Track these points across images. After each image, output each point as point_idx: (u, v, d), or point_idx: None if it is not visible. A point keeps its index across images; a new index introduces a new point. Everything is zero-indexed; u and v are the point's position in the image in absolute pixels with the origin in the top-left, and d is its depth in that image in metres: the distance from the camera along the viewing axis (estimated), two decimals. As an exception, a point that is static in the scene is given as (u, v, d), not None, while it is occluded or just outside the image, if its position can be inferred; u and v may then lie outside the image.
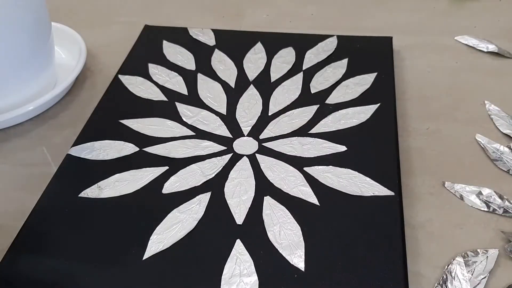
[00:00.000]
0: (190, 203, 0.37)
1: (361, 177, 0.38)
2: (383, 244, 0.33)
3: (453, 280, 0.32)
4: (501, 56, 0.51)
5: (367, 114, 0.43)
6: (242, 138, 0.42)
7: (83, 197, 0.38)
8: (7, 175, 0.42)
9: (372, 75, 0.47)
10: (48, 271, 0.33)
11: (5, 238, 0.35)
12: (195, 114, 0.45)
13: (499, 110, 0.45)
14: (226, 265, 0.33)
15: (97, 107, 0.46)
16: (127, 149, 0.41)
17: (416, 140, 0.43)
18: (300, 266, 0.32)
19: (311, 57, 0.51)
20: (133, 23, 0.58)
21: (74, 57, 0.52)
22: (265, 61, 0.51)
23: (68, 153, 0.41)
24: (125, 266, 0.33)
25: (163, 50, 0.53)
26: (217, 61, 0.51)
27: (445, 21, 0.58)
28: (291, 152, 0.40)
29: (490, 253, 0.33)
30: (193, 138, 0.42)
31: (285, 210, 0.36)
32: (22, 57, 0.44)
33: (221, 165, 0.40)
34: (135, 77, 0.49)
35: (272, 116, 0.44)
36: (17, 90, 0.46)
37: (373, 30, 0.55)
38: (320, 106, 0.45)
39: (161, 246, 0.34)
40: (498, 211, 0.36)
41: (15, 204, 0.39)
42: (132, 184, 0.38)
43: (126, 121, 0.44)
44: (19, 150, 0.44)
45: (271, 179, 0.38)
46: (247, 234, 0.34)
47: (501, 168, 0.40)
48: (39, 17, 0.45)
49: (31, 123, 0.47)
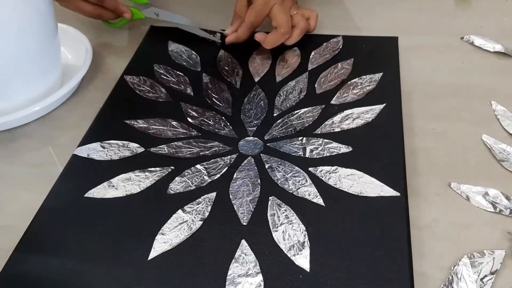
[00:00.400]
0: (195, 203, 0.37)
1: (366, 177, 0.38)
2: (388, 245, 0.33)
3: (459, 281, 0.32)
4: (508, 56, 0.51)
5: (372, 114, 0.43)
6: (247, 139, 0.42)
7: (89, 197, 0.38)
8: (14, 175, 0.42)
9: (378, 75, 0.47)
10: (54, 270, 0.33)
11: (12, 238, 0.36)
12: (200, 115, 0.45)
13: (505, 110, 0.44)
14: (231, 265, 0.33)
15: (103, 107, 0.46)
16: (132, 149, 0.42)
17: (422, 140, 0.42)
18: (305, 267, 0.32)
19: (317, 57, 0.51)
20: (139, 24, 0.58)
21: (80, 57, 0.52)
22: (271, 61, 0.51)
23: (74, 153, 0.41)
24: (131, 266, 0.33)
25: (169, 50, 0.53)
26: (222, 62, 0.51)
27: (451, 21, 0.57)
28: (296, 152, 0.40)
29: (497, 254, 0.33)
30: (198, 138, 0.42)
31: (290, 210, 0.36)
32: (28, 58, 0.45)
33: (226, 165, 0.40)
34: (141, 77, 0.49)
35: (277, 117, 0.44)
36: (23, 90, 0.46)
37: (379, 31, 0.55)
38: (325, 107, 0.44)
39: (166, 246, 0.34)
40: (504, 212, 0.36)
41: (21, 204, 0.39)
42: (138, 184, 0.39)
43: (131, 121, 0.44)
44: (25, 150, 0.45)
45: (276, 179, 0.38)
46: (252, 235, 0.34)
47: (507, 168, 0.39)
48: (45, 18, 0.45)
49: (37, 123, 0.47)
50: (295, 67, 0.50)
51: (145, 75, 0.50)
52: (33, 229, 0.36)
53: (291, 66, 0.50)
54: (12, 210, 0.39)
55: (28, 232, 0.36)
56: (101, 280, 0.32)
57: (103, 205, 0.37)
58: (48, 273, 0.33)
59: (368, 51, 0.51)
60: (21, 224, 0.36)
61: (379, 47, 0.52)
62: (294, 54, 0.51)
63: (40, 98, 0.46)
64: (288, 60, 0.51)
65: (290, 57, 0.51)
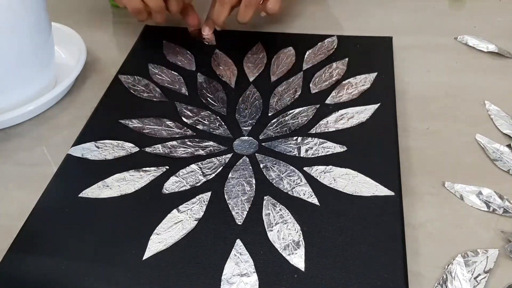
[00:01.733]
0: (190, 203, 0.37)
1: (361, 177, 0.38)
2: (383, 244, 0.33)
3: (453, 280, 0.32)
4: (501, 56, 0.51)
5: (367, 114, 0.43)
6: (242, 138, 0.42)
7: (83, 197, 0.38)
8: (8, 175, 0.42)
9: (373, 75, 0.47)
10: (48, 271, 0.33)
11: (6, 238, 0.35)
12: (195, 114, 0.45)
13: (499, 110, 0.45)
14: (226, 265, 0.33)
15: (97, 107, 0.46)
16: (127, 149, 0.41)
17: (416, 140, 0.43)
18: (300, 266, 0.32)
19: (311, 57, 0.51)
20: (134, 23, 0.58)
21: (74, 57, 0.52)
22: (265, 61, 0.51)
23: (68, 153, 0.41)
24: (125, 266, 0.33)
25: (163, 50, 0.53)
26: (217, 61, 0.51)
27: (445, 21, 0.58)
28: (291, 152, 0.40)
29: (490, 253, 0.33)
30: (193, 138, 0.42)
31: (285, 210, 0.36)
32: (22, 57, 0.44)
33: (221, 165, 0.40)
34: (135, 77, 0.49)
35: (272, 116, 0.44)
36: (17, 90, 0.46)
37: (374, 30, 0.55)
38: (320, 106, 0.45)
39: (161, 246, 0.34)
40: (498, 211, 0.36)
41: (15, 204, 0.39)
42: (132, 184, 0.38)
43: (126, 121, 0.44)
44: (19, 150, 0.44)
45: (271, 179, 0.38)
46: (247, 234, 0.34)
47: (501, 168, 0.40)
48: (39, 17, 0.45)
49: (31, 123, 0.47)
50: (290, 67, 0.50)
51: (140, 75, 0.50)
52: (26, 230, 0.36)
53: (286, 66, 0.50)
54: (6, 210, 0.39)
55: (21, 233, 0.35)
56: (96, 280, 0.32)
57: (97, 205, 0.37)
58: (42, 273, 0.33)
59: (362, 51, 0.51)
60: (15, 224, 0.36)
61: (373, 47, 0.52)
62: (289, 54, 0.51)
63: (34, 98, 0.46)
64: (282, 60, 0.51)
65: (285, 57, 0.51)
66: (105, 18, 0.62)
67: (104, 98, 0.47)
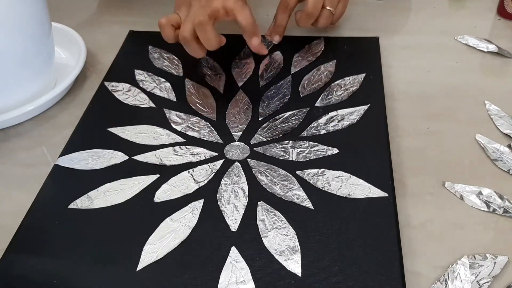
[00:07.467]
0: (183, 211, 0.36)
1: (354, 179, 0.38)
2: (378, 246, 0.33)
3: (455, 280, 0.32)
4: (501, 56, 0.52)
5: (357, 115, 0.43)
6: (233, 144, 0.42)
7: (73, 208, 0.37)
8: (7, 175, 0.42)
9: (361, 76, 0.47)
10: (44, 276, 0.32)
11: (5, 238, 0.35)
12: (184, 121, 0.44)
13: (499, 110, 0.45)
14: (222, 273, 0.32)
15: (84, 116, 0.45)
16: (116, 158, 0.41)
17: (416, 140, 0.42)
18: (296, 272, 0.32)
19: (299, 60, 0.51)
20: (134, 23, 0.58)
21: (74, 57, 0.52)
22: (253, 66, 0.50)
23: (56, 163, 0.40)
24: (119, 278, 0.32)
25: (149, 55, 0.52)
26: (205, 67, 0.51)
27: (445, 21, 0.58)
28: (283, 156, 0.40)
29: (499, 260, 0.33)
30: (183, 144, 0.42)
31: (280, 215, 0.36)
32: (22, 57, 0.44)
33: (213, 172, 0.39)
34: (122, 83, 0.49)
35: (263, 121, 0.44)
36: (17, 90, 0.45)
37: (373, 31, 0.55)
38: (310, 109, 0.44)
39: (154, 256, 0.33)
40: (498, 211, 0.36)
41: (14, 204, 0.39)
42: (123, 193, 0.38)
43: (114, 129, 0.43)
44: (18, 150, 0.44)
45: (264, 184, 0.38)
46: (242, 241, 0.34)
47: (501, 168, 0.40)
48: (39, 17, 0.44)
49: (31, 123, 0.46)
50: (278, 70, 0.50)
51: (126, 81, 0.49)
52: (15, 245, 0.35)
53: (274, 70, 0.50)
54: (5, 210, 0.39)
55: (14, 240, 0.35)
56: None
57: (87, 216, 0.36)
58: (38, 274, 0.33)
59: (350, 52, 0.51)
60: (14, 224, 0.36)
61: (360, 47, 0.52)
62: (277, 58, 0.51)
63: (34, 98, 0.45)
64: (271, 64, 0.50)
65: (273, 60, 0.51)
66: (105, 18, 0.62)
67: (90, 106, 0.46)
